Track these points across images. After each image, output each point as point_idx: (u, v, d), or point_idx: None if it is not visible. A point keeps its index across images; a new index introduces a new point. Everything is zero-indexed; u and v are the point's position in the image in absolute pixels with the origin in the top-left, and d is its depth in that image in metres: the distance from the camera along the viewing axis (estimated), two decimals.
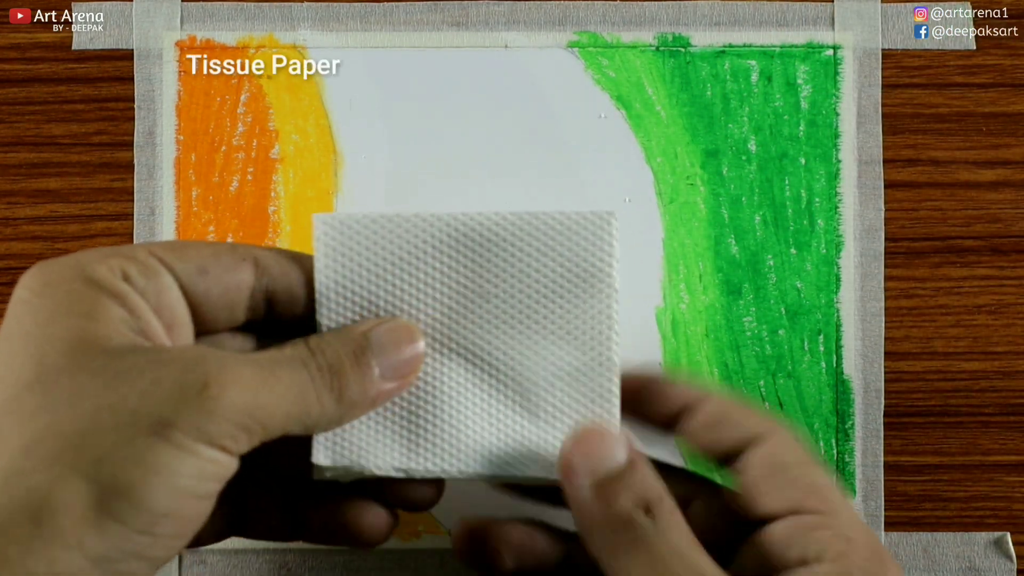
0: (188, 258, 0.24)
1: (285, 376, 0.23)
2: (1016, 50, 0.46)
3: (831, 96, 0.45)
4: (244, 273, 0.25)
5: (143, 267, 0.24)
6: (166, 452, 0.21)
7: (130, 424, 0.21)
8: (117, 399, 0.21)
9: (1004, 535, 0.44)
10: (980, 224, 0.45)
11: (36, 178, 0.45)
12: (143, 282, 0.23)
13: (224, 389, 0.21)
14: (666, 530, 0.25)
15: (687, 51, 0.45)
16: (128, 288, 0.23)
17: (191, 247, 0.25)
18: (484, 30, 0.45)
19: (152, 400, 0.21)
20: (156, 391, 0.21)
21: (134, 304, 0.23)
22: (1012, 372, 0.45)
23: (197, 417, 0.21)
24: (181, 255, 0.24)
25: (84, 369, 0.21)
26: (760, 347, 0.44)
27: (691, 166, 0.45)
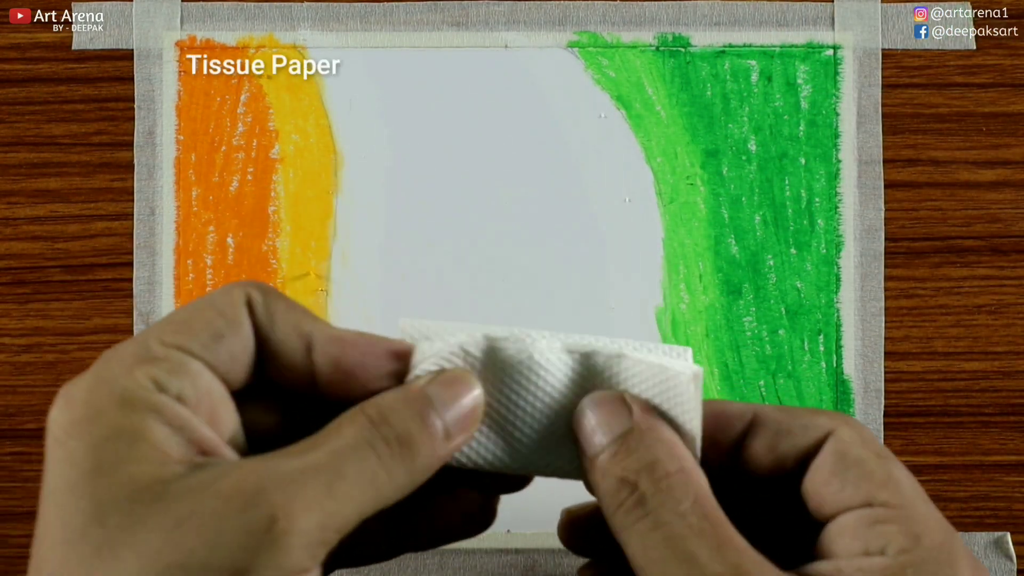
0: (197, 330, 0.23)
1: (352, 471, 0.22)
2: (1016, 50, 0.46)
3: (831, 96, 0.45)
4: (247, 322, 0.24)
5: (168, 365, 0.22)
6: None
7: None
8: (184, 555, 0.20)
9: (1004, 535, 0.44)
10: (980, 224, 0.45)
11: (36, 178, 0.45)
12: (177, 383, 0.22)
13: (292, 520, 0.20)
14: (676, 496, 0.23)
15: (687, 51, 0.45)
16: (165, 400, 0.22)
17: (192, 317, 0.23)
18: (484, 30, 0.45)
19: (220, 550, 0.20)
20: (223, 541, 0.20)
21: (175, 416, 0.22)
22: (1012, 372, 0.45)
23: (271, 556, 0.20)
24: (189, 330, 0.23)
25: (145, 524, 0.20)
26: (760, 347, 0.44)
27: (691, 166, 0.45)
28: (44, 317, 0.44)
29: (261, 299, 0.24)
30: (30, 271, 0.45)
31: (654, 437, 0.25)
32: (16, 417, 0.44)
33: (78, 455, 0.21)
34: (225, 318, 0.24)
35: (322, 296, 0.45)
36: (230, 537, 0.20)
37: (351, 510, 0.22)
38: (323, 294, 0.45)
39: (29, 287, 0.45)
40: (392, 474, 0.22)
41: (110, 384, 0.22)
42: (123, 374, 0.22)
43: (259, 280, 0.45)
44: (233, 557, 0.20)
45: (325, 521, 0.21)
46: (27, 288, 0.45)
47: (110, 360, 0.22)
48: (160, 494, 0.21)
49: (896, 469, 0.26)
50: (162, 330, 0.23)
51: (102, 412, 0.21)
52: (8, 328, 0.44)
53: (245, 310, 0.24)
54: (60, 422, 0.22)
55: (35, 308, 0.45)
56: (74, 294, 0.45)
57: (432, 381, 0.24)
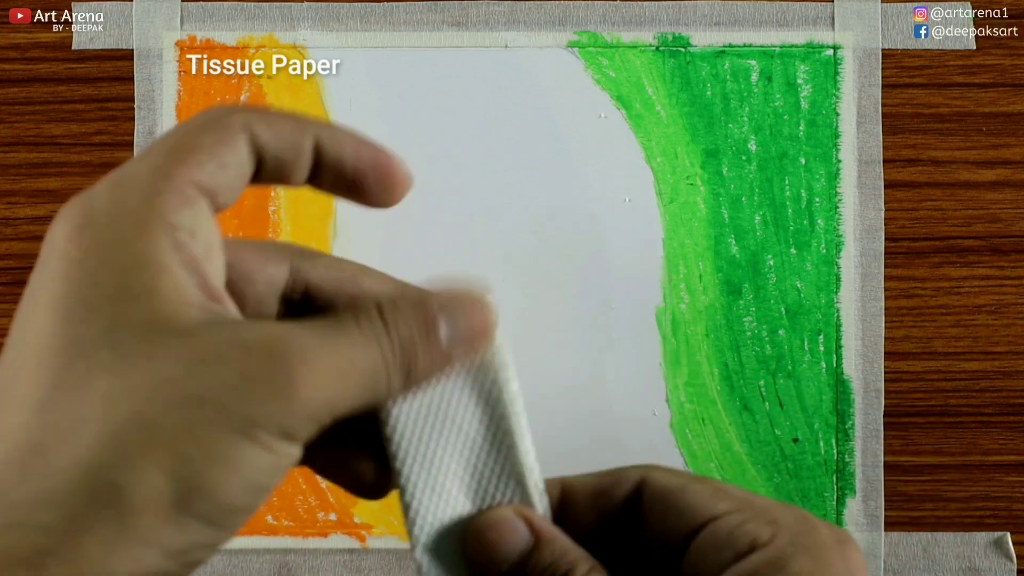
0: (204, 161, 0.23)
1: (361, 362, 0.22)
2: (1016, 50, 0.46)
3: (831, 96, 0.45)
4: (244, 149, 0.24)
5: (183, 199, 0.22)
6: (250, 451, 0.20)
7: (216, 421, 0.20)
8: (202, 390, 0.20)
9: (1004, 535, 0.44)
10: (980, 224, 0.45)
11: (36, 178, 0.45)
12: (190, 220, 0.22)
13: (308, 387, 0.21)
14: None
15: (687, 51, 0.45)
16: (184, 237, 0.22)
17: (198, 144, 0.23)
18: (484, 30, 0.45)
19: (239, 396, 0.20)
20: (243, 386, 0.20)
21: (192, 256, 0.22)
22: (1012, 372, 0.45)
23: (281, 416, 0.21)
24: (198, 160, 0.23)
25: (163, 354, 0.20)
26: (760, 347, 0.44)
27: (691, 166, 0.45)
28: None
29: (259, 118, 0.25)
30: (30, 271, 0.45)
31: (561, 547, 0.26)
32: None
33: (100, 276, 0.21)
34: (227, 144, 0.24)
35: None
36: (250, 385, 0.20)
37: (351, 399, 0.22)
38: None
39: None
40: (391, 378, 0.23)
41: (132, 212, 0.22)
42: (143, 202, 0.22)
43: None
44: (247, 404, 0.20)
45: (331, 401, 0.22)
46: None
47: (126, 184, 0.22)
48: (184, 330, 0.21)
49: (717, 483, 0.27)
50: (171, 158, 0.23)
51: (126, 239, 0.21)
52: (8, 328, 0.44)
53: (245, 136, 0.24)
54: (76, 239, 0.22)
55: None
56: None
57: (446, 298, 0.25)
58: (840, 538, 0.25)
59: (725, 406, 0.44)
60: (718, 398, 0.44)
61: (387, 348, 0.23)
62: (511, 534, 0.26)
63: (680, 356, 0.44)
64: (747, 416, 0.44)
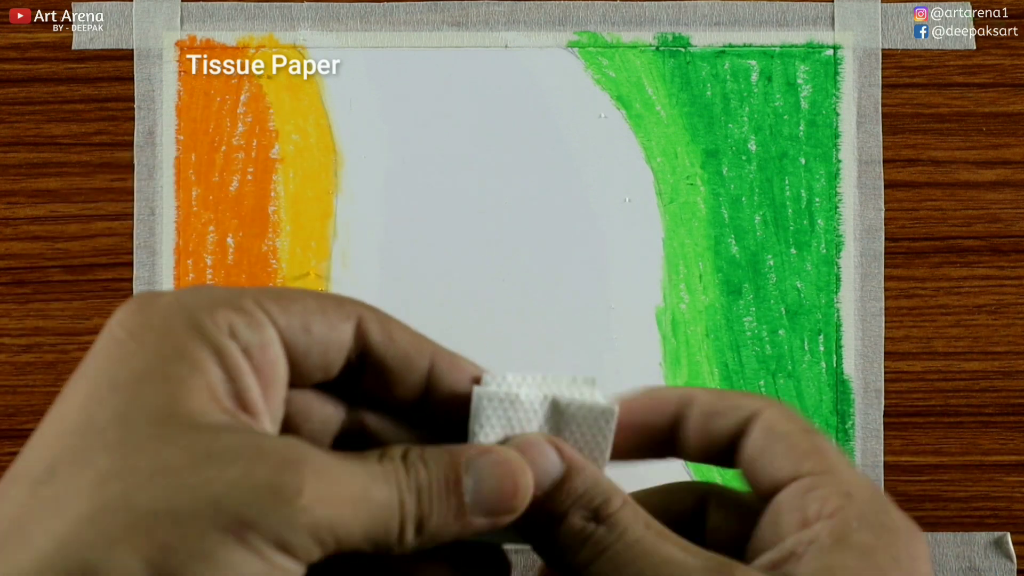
0: (294, 312, 0.23)
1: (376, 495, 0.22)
2: (1016, 50, 0.46)
3: (831, 96, 0.45)
4: (345, 333, 0.24)
5: (251, 320, 0.22)
6: (237, 554, 0.19)
7: (209, 515, 0.19)
8: (200, 483, 0.19)
9: (1004, 535, 0.44)
10: (980, 224, 0.45)
11: (36, 178, 0.45)
12: (248, 336, 0.22)
13: (317, 502, 0.20)
14: (623, 530, 0.24)
15: (687, 51, 0.45)
16: (233, 346, 0.22)
17: (297, 299, 0.23)
18: (484, 30, 0.45)
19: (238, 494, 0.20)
20: (245, 484, 0.20)
21: (235, 365, 0.22)
22: (1012, 372, 0.45)
23: (280, 525, 0.20)
24: (287, 308, 0.23)
25: (172, 442, 0.20)
26: (760, 347, 0.44)
27: (691, 166, 0.45)
28: (44, 317, 0.44)
29: (375, 317, 0.25)
30: (30, 271, 0.45)
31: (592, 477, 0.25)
32: (16, 417, 0.44)
33: (131, 357, 0.21)
34: (325, 315, 0.24)
35: None
36: (252, 486, 0.20)
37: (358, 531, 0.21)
38: None
39: (29, 287, 0.45)
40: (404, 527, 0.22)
41: (189, 311, 0.22)
42: (205, 308, 0.22)
43: (260, 280, 0.45)
44: (246, 506, 0.20)
45: (338, 525, 0.21)
46: (27, 288, 0.45)
47: (198, 292, 0.23)
48: (202, 425, 0.20)
49: (820, 440, 0.26)
50: (260, 291, 0.23)
51: (172, 331, 0.21)
52: (8, 328, 0.44)
53: (351, 324, 0.24)
54: (127, 324, 0.22)
55: (35, 308, 0.45)
56: (74, 294, 0.45)
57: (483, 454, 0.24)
58: (910, 527, 0.25)
59: None
60: None
61: (405, 492, 0.22)
62: (541, 458, 0.25)
63: (680, 356, 0.45)
64: None
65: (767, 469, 0.26)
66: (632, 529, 0.24)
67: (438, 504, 0.23)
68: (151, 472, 0.20)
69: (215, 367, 0.21)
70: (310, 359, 0.24)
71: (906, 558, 0.24)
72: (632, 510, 0.25)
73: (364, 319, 0.24)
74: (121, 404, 0.20)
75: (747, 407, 0.27)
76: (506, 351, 0.44)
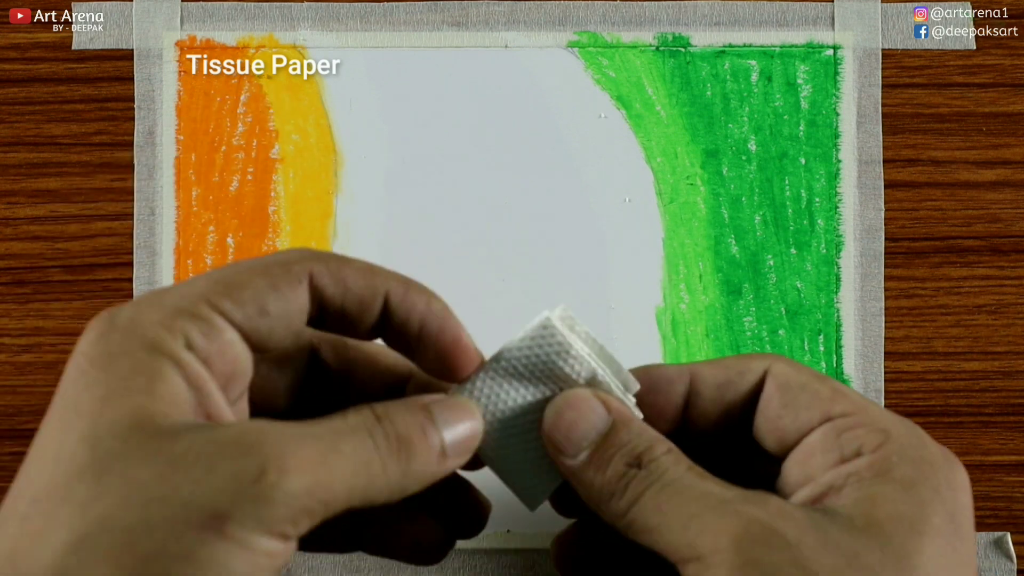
0: (247, 300, 0.23)
1: (348, 448, 0.22)
2: (1016, 50, 0.46)
3: (831, 96, 0.45)
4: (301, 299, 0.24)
5: (205, 326, 0.23)
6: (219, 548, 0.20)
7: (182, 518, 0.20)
8: (169, 490, 0.20)
9: (1004, 535, 0.44)
10: (980, 224, 0.45)
11: (36, 178, 0.45)
12: (205, 345, 0.22)
13: (283, 474, 0.20)
14: (663, 472, 0.25)
15: (687, 51, 0.45)
16: (191, 357, 0.22)
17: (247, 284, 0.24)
18: (484, 30, 0.45)
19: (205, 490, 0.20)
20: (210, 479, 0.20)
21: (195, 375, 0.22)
22: (1012, 372, 0.45)
23: (253, 507, 0.20)
24: (240, 298, 0.23)
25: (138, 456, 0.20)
26: (760, 347, 0.44)
27: (691, 166, 0.45)
28: (44, 317, 0.44)
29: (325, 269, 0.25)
30: (30, 271, 0.45)
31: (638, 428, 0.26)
32: (16, 417, 0.44)
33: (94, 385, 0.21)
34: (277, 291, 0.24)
35: None
36: (217, 479, 0.20)
37: (341, 486, 0.22)
38: None
39: (29, 287, 0.45)
40: (387, 467, 0.23)
41: (144, 328, 0.22)
42: (159, 322, 0.22)
43: None
44: (216, 499, 0.20)
45: (314, 488, 0.21)
46: (27, 288, 0.45)
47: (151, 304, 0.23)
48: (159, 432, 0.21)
49: (838, 385, 0.27)
50: (211, 288, 0.23)
51: (129, 352, 0.22)
52: (8, 328, 0.44)
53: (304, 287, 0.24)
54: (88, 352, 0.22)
55: (35, 308, 0.45)
56: (74, 294, 0.45)
57: (437, 401, 0.25)
58: (948, 458, 0.25)
59: None
60: None
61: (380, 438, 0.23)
62: (590, 412, 0.26)
63: (680, 356, 0.45)
64: None
65: (794, 420, 0.26)
66: (672, 470, 0.25)
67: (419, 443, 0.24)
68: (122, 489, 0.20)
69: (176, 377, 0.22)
70: (273, 337, 0.24)
71: (946, 489, 0.24)
72: (675, 456, 0.25)
73: (315, 274, 0.25)
74: (87, 428, 0.21)
75: (755, 369, 0.28)
76: None
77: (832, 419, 0.26)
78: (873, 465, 0.24)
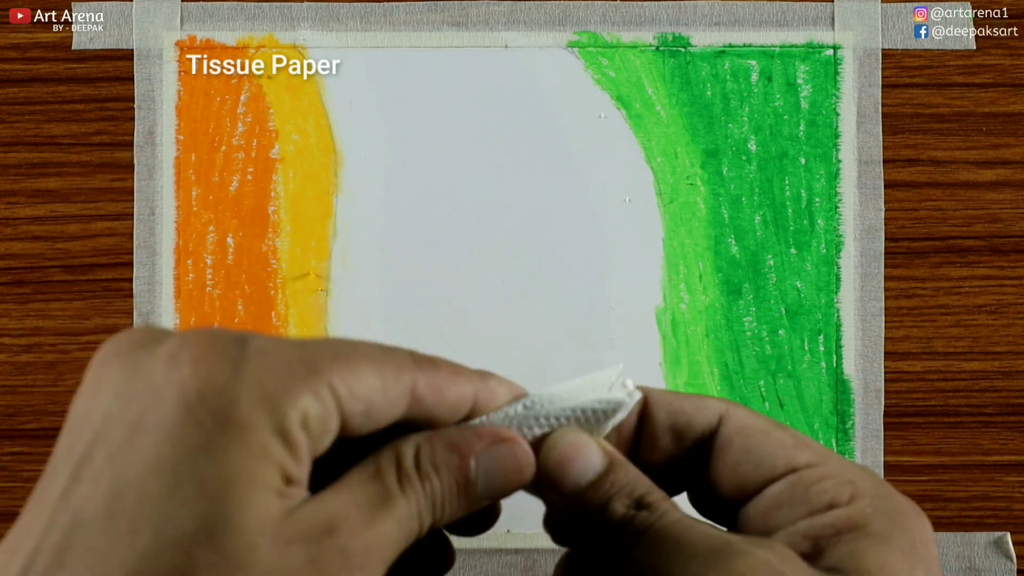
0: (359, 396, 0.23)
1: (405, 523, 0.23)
2: (1016, 50, 0.46)
3: (831, 96, 0.45)
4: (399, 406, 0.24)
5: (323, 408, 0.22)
6: None
7: None
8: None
9: (1004, 535, 0.44)
10: (980, 224, 0.45)
11: (36, 178, 0.45)
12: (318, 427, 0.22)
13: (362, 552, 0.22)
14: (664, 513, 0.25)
15: (687, 51, 0.45)
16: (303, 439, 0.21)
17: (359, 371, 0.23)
18: (484, 30, 0.45)
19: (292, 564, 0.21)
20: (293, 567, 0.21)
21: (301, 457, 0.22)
22: (1012, 372, 0.45)
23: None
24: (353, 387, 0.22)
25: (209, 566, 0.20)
26: (760, 347, 0.44)
27: (691, 166, 0.45)
28: (44, 317, 0.44)
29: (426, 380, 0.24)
30: (30, 271, 0.45)
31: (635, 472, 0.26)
32: (16, 417, 0.44)
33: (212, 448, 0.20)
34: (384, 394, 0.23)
35: (322, 296, 0.45)
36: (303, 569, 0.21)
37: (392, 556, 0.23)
38: (323, 294, 0.45)
39: (29, 287, 0.45)
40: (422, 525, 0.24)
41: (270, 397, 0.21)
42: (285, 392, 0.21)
43: (259, 279, 0.45)
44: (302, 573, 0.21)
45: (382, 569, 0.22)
46: (27, 288, 0.45)
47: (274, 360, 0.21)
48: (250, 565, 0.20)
49: (798, 434, 0.27)
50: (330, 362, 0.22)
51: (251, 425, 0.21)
52: (8, 328, 0.44)
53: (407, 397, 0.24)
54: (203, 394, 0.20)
55: (35, 308, 0.45)
56: (74, 294, 0.45)
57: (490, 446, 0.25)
58: (916, 509, 0.26)
59: None
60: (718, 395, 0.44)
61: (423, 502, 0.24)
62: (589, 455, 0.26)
63: (680, 356, 0.44)
64: None
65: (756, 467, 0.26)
66: (672, 511, 0.25)
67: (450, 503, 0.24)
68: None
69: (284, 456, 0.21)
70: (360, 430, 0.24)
71: (921, 543, 0.25)
72: (671, 502, 0.26)
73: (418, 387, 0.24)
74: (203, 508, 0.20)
75: (712, 407, 0.28)
76: (506, 351, 0.44)
77: (797, 469, 0.26)
78: (849, 517, 0.24)
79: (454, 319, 0.44)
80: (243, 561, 0.20)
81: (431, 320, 0.45)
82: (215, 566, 0.20)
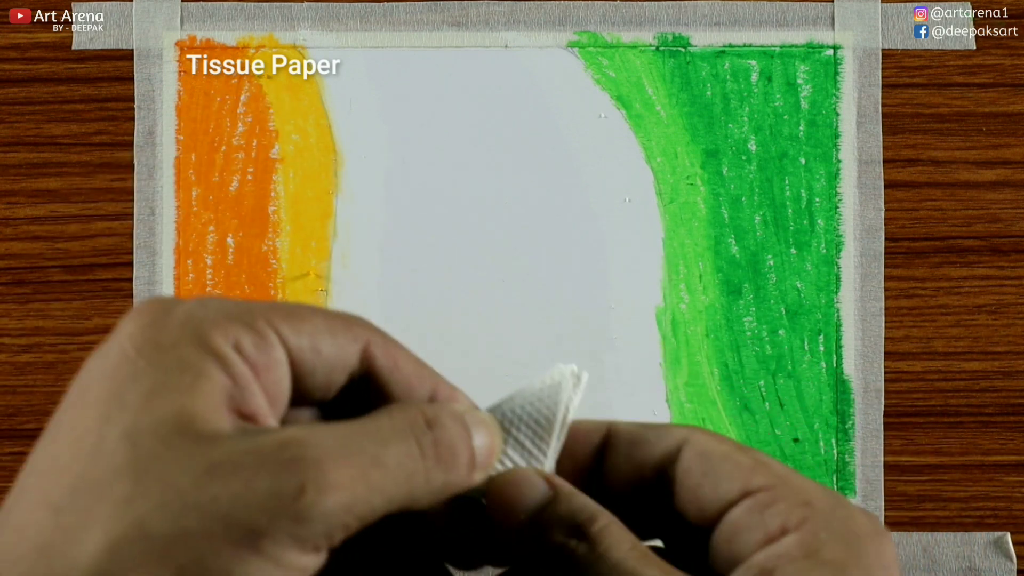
0: (304, 332, 0.23)
1: (392, 459, 0.22)
2: (1016, 50, 0.46)
3: (831, 96, 0.45)
4: (352, 356, 0.24)
5: (260, 339, 0.23)
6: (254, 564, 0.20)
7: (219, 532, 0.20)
8: (208, 500, 0.20)
9: (1004, 535, 0.44)
10: (980, 224, 0.45)
11: (36, 178, 0.45)
12: (255, 355, 0.22)
13: (321, 493, 0.21)
14: (605, 549, 0.24)
15: (687, 51, 0.45)
16: (238, 359, 0.22)
17: (307, 318, 0.24)
18: (484, 30, 0.45)
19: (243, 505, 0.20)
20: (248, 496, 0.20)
21: (241, 375, 0.22)
22: (1012, 372, 0.45)
23: (290, 525, 0.20)
24: (298, 327, 0.23)
25: (178, 460, 0.20)
26: (760, 347, 0.44)
27: (691, 166, 0.45)
28: (44, 317, 0.44)
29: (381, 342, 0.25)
30: (30, 271, 0.45)
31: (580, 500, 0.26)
32: (16, 417, 0.44)
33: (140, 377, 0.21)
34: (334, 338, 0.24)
35: (321, 296, 0.45)
36: (255, 495, 0.20)
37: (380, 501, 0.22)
38: (323, 294, 0.45)
39: (29, 287, 0.45)
40: (429, 477, 0.23)
41: (197, 325, 0.22)
42: (213, 321, 0.22)
43: (260, 280, 0.45)
44: (252, 516, 0.20)
45: (352, 504, 0.21)
46: (27, 288, 0.45)
47: (208, 305, 0.23)
48: (200, 437, 0.21)
49: (759, 455, 0.26)
50: (272, 308, 0.23)
51: (179, 347, 0.22)
52: (8, 328, 0.44)
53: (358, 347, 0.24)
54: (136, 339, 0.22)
55: (35, 308, 0.45)
56: (74, 294, 0.45)
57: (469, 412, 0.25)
58: (876, 529, 0.25)
59: (725, 406, 0.44)
60: (718, 398, 0.45)
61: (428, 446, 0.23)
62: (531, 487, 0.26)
63: (680, 356, 0.45)
64: (747, 416, 0.44)
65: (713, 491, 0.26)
66: (615, 549, 0.24)
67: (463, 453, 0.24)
68: (160, 493, 0.20)
69: (220, 375, 0.22)
70: (314, 379, 0.24)
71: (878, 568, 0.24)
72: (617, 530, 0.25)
73: (371, 343, 0.25)
74: (130, 423, 0.21)
75: (674, 434, 0.27)
76: (506, 351, 0.44)
77: (752, 492, 0.25)
78: (803, 544, 0.24)
79: (454, 319, 0.44)
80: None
81: (431, 320, 0.45)
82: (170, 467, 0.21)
